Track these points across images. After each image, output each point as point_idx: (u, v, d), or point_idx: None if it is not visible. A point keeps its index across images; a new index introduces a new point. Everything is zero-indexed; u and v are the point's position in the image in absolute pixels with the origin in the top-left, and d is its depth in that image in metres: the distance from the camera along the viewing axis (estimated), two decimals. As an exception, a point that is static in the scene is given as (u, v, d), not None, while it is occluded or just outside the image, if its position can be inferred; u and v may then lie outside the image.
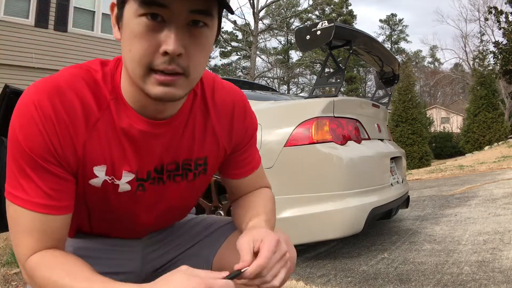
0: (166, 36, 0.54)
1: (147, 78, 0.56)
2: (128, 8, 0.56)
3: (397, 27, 39.64)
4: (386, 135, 2.88)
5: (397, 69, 3.13)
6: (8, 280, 2.06)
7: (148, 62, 0.55)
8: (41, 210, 0.59)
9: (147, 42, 0.54)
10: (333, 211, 2.04)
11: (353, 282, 1.84)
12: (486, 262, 1.95)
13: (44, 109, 0.58)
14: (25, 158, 0.58)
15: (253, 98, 2.57)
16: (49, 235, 0.60)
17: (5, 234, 3.19)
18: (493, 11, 12.41)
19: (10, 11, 7.44)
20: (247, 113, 0.78)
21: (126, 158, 0.66)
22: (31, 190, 0.58)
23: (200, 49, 0.58)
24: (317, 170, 2.09)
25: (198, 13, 0.55)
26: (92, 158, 0.63)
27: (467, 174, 6.61)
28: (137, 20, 0.54)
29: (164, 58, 0.54)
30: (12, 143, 0.59)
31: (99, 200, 0.68)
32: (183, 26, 0.55)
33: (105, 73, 0.64)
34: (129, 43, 0.56)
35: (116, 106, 0.63)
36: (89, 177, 0.64)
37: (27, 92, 0.60)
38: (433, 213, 3.40)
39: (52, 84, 0.60)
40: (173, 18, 0.54)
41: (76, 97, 0.60)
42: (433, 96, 38.54)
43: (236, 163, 0.80)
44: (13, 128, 0.59)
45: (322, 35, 2.20)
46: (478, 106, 14.99)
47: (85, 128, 0.61)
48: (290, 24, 30.33)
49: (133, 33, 0.55)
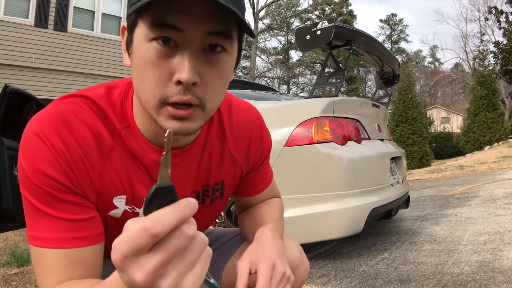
0: (179, 63, 0.48)
1: (160, 111, 0.51)
2: (138, 32, 0.50)
3: (397, 27, 39.64)
4: (386, 135, 2.88)
5: (397, 69, 3.13)
6: (8, 280, 2.06)
7: (161, 93, 0.49)
8: (67, 245, 0.53)
9: (159, 70, 0.49)
10: (333, 211, 2.04)
11: (353, 282, 1.83)
12: (487, 262, 1.94)
13: (53, 143, 0.53)
14: (39, 194, 0.53)
15: (253, 98, 2.57)
16: (80, 271, 0.54)
17: (4, 235, 3.19)
18: (493, 11, 12.41)
19: (10, 11, 7.44)
20: (264, 133, 0.76)
21: (146, 185, 0.62)
22: (51, 225, 0.53)
23: (217, 76, 0.52)
24: (317, 170, 2.09)
25: (216, 35, 0.49)
26: (111, 188, 0.59)
27: (468, 174, 6.60)
28: (148, 45, 0.49)
29: (178, 88, 0.49)
30: (24, 183, 0.54)
31: (119, 232, 0.65)
32: (198, 51, 0.49)
33: (112, 101, 0.59)
34: (140, 71, 0.51)
35: (128, 134, 0.59)
36: (109, 208, 0.61)
37: (29, 128, 0.55)
38: (433, 213, 3.40)
39: (56, 115, 0.55)
40: (187, 42, 0.48)
41: (86, 127, 0.56)
42: (433, 96, 38.54)
43: (250, 183, 0.79)
44: (21, 167, 0.54)
45: (322, 35, 2.20)
46: (478, 106, 14.97)
47: (99, 159, 0.57)
48: (290, 24, 30.33)
49: (143, 60, 0.49)
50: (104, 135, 0.58)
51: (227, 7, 0.45)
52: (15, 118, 2.38)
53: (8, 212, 1.90)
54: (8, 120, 2.21)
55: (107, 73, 8.61)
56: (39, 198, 0.53)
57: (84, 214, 0.56)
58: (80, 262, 0.54)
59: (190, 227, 0.36)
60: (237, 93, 2.57)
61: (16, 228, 2.34)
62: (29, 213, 0.55)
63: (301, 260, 0.76)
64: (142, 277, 0.34)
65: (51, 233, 0.53)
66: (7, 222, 1.92)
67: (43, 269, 0.54)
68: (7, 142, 1.96)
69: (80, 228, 0.55)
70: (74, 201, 0.55)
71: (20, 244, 2.87)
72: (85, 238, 0.55)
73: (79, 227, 0.55)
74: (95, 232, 0.57)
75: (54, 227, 0.53)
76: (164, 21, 0.47)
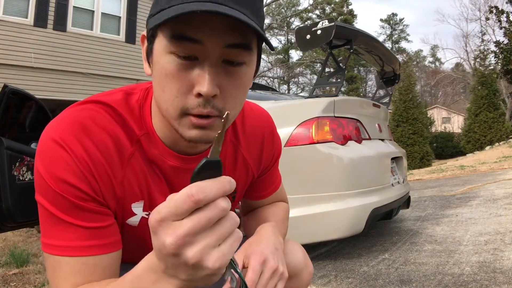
0: (199, 76, 0.49)
1: (181, 120, 0.52)
2: (158, 43, 0.51)
3: (397, 27, 39.63)
4: (387, 135, 2.87)
5: (397, 68, 3.12)
6: (7, 280, 2.06)
7: (181, 104, 0.51)
8: (85, 253, 0.53)
9: (179, 82, 0.50)
10: (333, 211, 2.03)
11: (354, 283, 1.83)
12: (487, 262, 1.93)
13: (74, 150, 0.52)
14: (59, 203, 0.52)
15: (253, 98, 2.56)
16: (98, 278, 0.54)
17: (4, 235, 3.19)
18: (494, 10, 12.37)
19: (9, 11, 7.43)
20: (275, 137, 0.77)
21: (162, 191, 0.62)
22: (70, 234, 0.52)
23: (237, 88, 0.52)
24: (317, 170, 2.08)
25: (235, 47, 0.49)
26: (130, 195, 0.59)
27: (468, 174, 6.59)
28: (168, 57, 0.49)
29: (198, 100, 0.50)
30: (42, 191, 0.53)
31: (135, 240, 0.64)
32: (218, 63, 0.50)
33: (131, 107, 0.59)
34: (161, 82, 0.51)
35: (147, 141, 0.59)
36: (127, 216, 0.61)
37: (47, 135, 0.54)
38: (434, 214, 3.39)
39: (74, 121, 0.54)
40: (206, 55, 0.48)
41: (106, 133, 0.55)
42: (434, 96, 38.53)
43: (259, 186, 0.79)
44: (40, 175, 0.53)
45: (323, 34, 2.19)
46: (479, 106, 14.96)
47: (120, 165, 0.57)
48: (290, 23, 30.33)
49: (164, 72, 0.50)
50: (123, 141, 0.57)
51: (246, 22, 0.45)
52: (15, 118, 2.38)
53: (7, 213, 1.89)
54: (8, 120, 2.20)
55: (106, 73, 8.61)
56: (59, 207, 0.52)
57: (103, 221, 0.55)
58: (98, 269, 0.54)
59: (225, 201, 0.38)
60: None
61: (15, 229, 2.33)
62: (45, 221, 0.54)
63: (306, 264, 0.75)
64: (171, 241, 0.37)
65: (70, 241, 0.52)
66: (6, 223, 1.92)
67: (61, 277, 0.53)
68: (6, 142, 1.96)
69: (99, 235, 0.54)
70: (95, 209, 0.54)
71: (19, 245, 2.86)
72: (103, 246, 0.55)
73: (98, 234, 0.54)
74: (113, 239, 0.56)
75: (72, 235, 0.53)
76: (184, 35, 0.47)
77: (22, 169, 1.99)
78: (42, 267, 2.27)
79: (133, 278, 0.46)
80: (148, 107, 0.60)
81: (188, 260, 0.37)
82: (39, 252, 2.62)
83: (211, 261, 0.38)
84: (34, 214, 2.11)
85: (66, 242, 0.52)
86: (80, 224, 0.53)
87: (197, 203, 0.37)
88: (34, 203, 0.56)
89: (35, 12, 7.65)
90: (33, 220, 2.08)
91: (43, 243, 0.54)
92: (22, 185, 1.96)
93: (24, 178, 1.99)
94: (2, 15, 7.32)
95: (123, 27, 8.92)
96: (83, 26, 8.38)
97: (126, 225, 0.61)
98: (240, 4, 0.48)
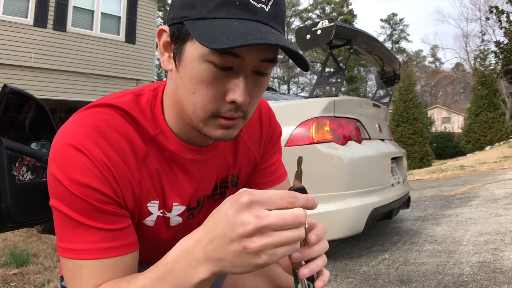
0: (234, 85, 0.52)
1: (209, 122, 0.55)
2: (192, 47, 0.51)
3: (398, 27, 39.61)
4: (387, 135, 2.87)
5: (398, 68, 3.12)
6: (7, 280, 2.05)
7: (213, 109, 0.54)
8: (107, 255, 0.53)
9: (214, 89, 0.52)
10: (333, 211, 2.03)
11: (354, 283, 1.83)
12: (487, 262, 1.93)
13: (93, 154, 0.53)
14: (80, 207, 0.52)
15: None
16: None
17: (4, 235, 3.18)
18: (494, 10, 12.36)
19: (9, 11, 7.42)
20: (272, 115, 0.79)
21: (176, 189, 0.64)
22: (91, 236, 0.53)
23: (260, 93, 0.58)
24: (317, 171, 2.08)
25: (267, 61, 0.53)
26: (147, 194, 0.60)
27: (468, 175, 6.59)
28: (204, 65, 0.51)
29: (230, 106, 0.53)
30: (59, 196, 0.53)
31: (151, 240, 0.65)
32: (251, 75, 0.54)
33: (142, 109, 0.60)
34: (192, 86, 0.53)
35: (163, 139, 0.61)
36: (144, 216, 0.62)
37: (62, 140, 0.54)
38: (434, 214, 3.39)
39: (88, 125, 0.55)
40: (243, 67, 0.52)
41: (120, 135, 0.56)
42: (434, 96, 38.52)
43: (263, 171, 0.78)
44: (57, 180, 0.53)
45: (323, 34, 2.19)
46: (479, 106, 14.96)
47: (137, 166, 0.58)
48: (291, 23, 30.33)
49: (198, 78, 0.52)
50: (137, 142, 0.58)
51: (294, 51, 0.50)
52: (14, 118, 2.38)
53: (7, 213, 1.89)
54: (7, 120, 2.21)
55: (106, 73, 8.60)
56: (79, 211, 0.52)
57: (122, 223, 0.56)
58: (119, 270, 0.55)
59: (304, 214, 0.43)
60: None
61: (15, 229, 2.33)
62: (63, 226, 0.54)
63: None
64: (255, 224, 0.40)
65: (91, 244, 0.53)
66: (6, 223, 1.92)
67: (83, 280, 0.53)
68: (6, 142, 1.96)
69: (119, 237, 0.55)
70: (115, 211, 0.55)
71: (19, 245, 2.86)
72: (124, 247, 0.55)
73: (118, 236, 0.55)
74: (132, 239, 0.57)
75: (93, 238, 0.53)
76: (229, 50, 0.49)
77: (22, 169, 1.99)
78: (42, 267, 2.27)
79: (167, 262, 0.48)
80: (159, 106, 0.62)
81: (249, 247, 0.41)
82: (39, 252, 2.62)
83: (265, 257, 0.41)
84: (34, 214, 2.12)
85: (87, 245, 0.53)
86: (101, 226, 0.53)
87: (290, 204, 0.42)
88: (34, 203, 0.56)
89: (35, 12, 7.65)
90: (33, 220, 2.08)
91: (61, 248, 0.54)
92: (22, 185, 1.96)
93: (24, 178, 1.99)
94: (2, 15, 7.32)
95: (123, 27, 8.92)
96: (83, 26, 8.38)
97: (142, 225, 0.62)
98: (277, 23, 0.53)
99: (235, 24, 0.48)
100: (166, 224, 0.65)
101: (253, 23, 0.49)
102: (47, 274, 2.14)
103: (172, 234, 0.67)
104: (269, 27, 0.51)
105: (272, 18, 0.51)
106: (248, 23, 0.49)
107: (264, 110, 0.77)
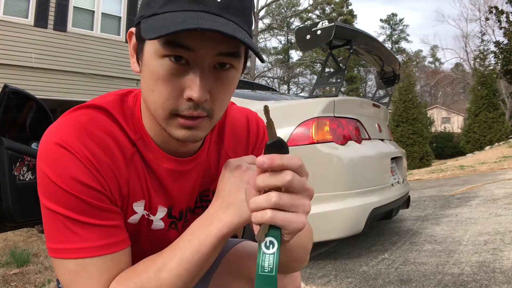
0: (190, 81, 0.50)
1: (170, 121, 0.54)
2: (149, 45, 0.51)
3: (397, 27, 39.61)
4: (387, 135, 2.87)
5: (397, 68, 3.12)
6: (7, 280, 2.06)
7: (171, 107, 0.52)
8: (109, 251, 0.54)
9: (171, 86, 0.51)
10: (333, 211, 2.03)
11: (354, 282, 1.83)
12: (487, 262, 1.94)
13: (79, 152, 0.53)
14: (75, 205, 0.52)
15: (253, 98, 2.56)
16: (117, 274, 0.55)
17: (4, 235, 3.19)
18: (494, 10, 12.37)
19: (10, 11, 7.43)
20: (260, 122, 0.76)
21: (159, 193, 0.63)
22: (91, 234, 0.53)
23: (225, 91, 0.55)
24: (317, 170, 2.09)
25: (226, 55, 0.51)
26: (134, 194, 0.60)
27: (468, 174, 6.60)
28: (160, 61, 0.50)
29: (188, 104, 0.52)
30: (53, 196, 0.53)
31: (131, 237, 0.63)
32: (209, 70, 0.51)
33: (125, 113, 0.61)
34: (150, 83, 0.53)
35: (142, 145, 0.61)
36: (129, 214, 0.61)
37: (49, 139, 0.54)
38: (433, 214, 3.39)
39: (74, 125, 0.55)
40: (198, 62, 0.50)
41: (107, 135, 0.57)
42: (433, 96, 38.51)
43: None
44: (49, 180, 0.52)
45: (323, 34, 2.19)
46: (479, 106, 14.95)
47: (125, 164, 0.58)
48: (290, 23, 30.33)
49: (155, 75, 0.51)
50: (124, 141, 0.59)
51: (242, 40, 0.47)
52: (15, 118, 2.38)
53: (8, 213, 1.89)
54: (8, 120, 2.21)
55: (106, 73, 8.61)
56: (75, 209, 0.52)
57: (116, 220, 0.57)
58: (122, 263, 0.56)
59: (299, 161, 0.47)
60: (238, 93, 2.56)
61: (15, 228, 2.34)
62: (58, 227, 0.53)
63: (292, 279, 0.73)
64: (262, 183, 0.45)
65: (92, 241, 0.53)
66: (7, 223, 1.92)
67: (93, 279, 0.53)
68: (6, 142, 1.96)
69: (116, 233, 0.56)
70: (108, 207, 0.55)
71: (19, 244, 2.86)
72: (121, 242, 0.56)
73: (115, 232, 0.55)
74: (126, 234, 0.58)
75: (93, 235, 0.53)
76: (178, 42, 0.49)
77: (22, 169, 1.99)
78: (43, 267, 2.27)
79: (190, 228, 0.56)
80: (138, 111, 0.61)
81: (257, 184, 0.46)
82: (39, 252, 2.62)
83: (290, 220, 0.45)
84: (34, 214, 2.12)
85: (88, 243, 0.52)
86: (98, 223, 0.53)
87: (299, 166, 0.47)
88: (34, 203, 0.56)
89: (36, 12, 7.65)
90: (33, 220, 2.08)
91: (57, 249, 0.53)
92: (22, 185, 1.97)
93: (24, 178, 1.99)
94: (3, 15, 7.32)
95: (123, 27, 8.92)
96: (84, 26, 8.39)
97: (127, 223, 0.62)
98: (233, 14, 0.50)
99: (178, 15, 0.48)
100: (148, 227, 0.64)
101: (198, 13, 0.48)
102: (48, 274, 2.14)
103: (152, 240, 0.66)
104: (220, 17, 0.49)
105: (224, 9, 0.49)
106: (192, 13, 0.48)
107: (251, 118, 0.75)
